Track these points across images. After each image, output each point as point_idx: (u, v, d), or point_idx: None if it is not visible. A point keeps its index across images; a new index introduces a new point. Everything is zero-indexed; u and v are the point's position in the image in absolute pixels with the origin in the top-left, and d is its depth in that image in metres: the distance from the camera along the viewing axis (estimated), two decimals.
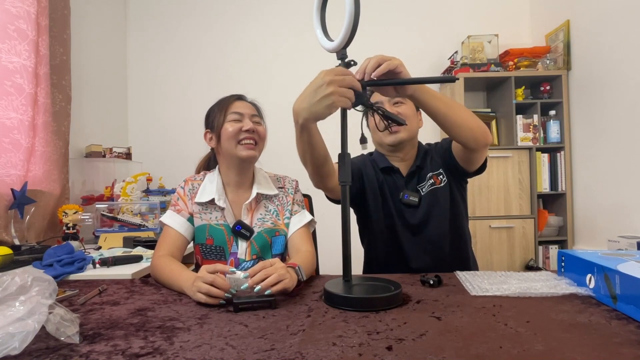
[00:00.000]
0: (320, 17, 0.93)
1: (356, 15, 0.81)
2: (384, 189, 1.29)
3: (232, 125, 1.13)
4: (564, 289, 0.85)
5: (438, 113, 0.99)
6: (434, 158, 1.30)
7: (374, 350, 0.58)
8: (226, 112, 1.15)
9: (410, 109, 1.27)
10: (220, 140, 1.15)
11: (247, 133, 1.13)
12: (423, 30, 2.88)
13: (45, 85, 1.84)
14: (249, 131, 1.13)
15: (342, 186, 0.88)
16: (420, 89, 0.95)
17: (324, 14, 0.93)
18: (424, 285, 0.94)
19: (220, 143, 1.15)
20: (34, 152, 1.80)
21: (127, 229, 1.85)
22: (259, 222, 1.18)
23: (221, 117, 1.15)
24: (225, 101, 1.19)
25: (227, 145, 1.14)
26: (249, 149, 1.13)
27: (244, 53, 2.91)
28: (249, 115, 1.16)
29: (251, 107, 1.20)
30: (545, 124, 2.53)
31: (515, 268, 2.45)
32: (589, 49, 2.29)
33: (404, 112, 1.23)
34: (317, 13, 0.93)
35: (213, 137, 1.18)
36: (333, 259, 1.76)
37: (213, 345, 0.62)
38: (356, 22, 0.82)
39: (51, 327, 0.62)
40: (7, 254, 1.32)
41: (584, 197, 2.38)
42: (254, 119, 1.17)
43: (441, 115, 0.99)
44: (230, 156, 1.15)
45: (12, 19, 1.67)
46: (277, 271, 0.85)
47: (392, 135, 1.24)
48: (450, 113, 0.99)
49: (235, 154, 1.13)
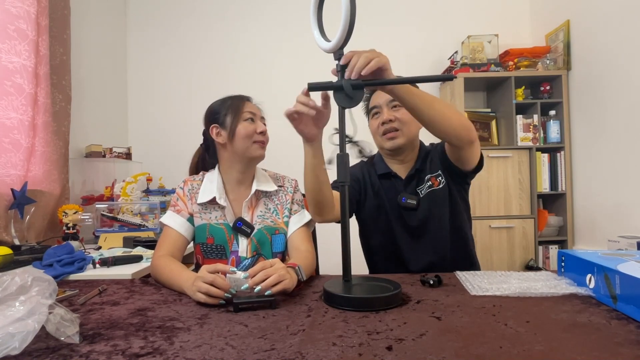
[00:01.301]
0: (317, 17, 0.93)
1: (352, 15, 0.81)
2: (381, 193, 1.29)
3: (247, 125, 1.17)
4: (564, 289, 0.85)
5: (415, 109, 0.98)
6: (433, 160, 1.29)
7: (374, 350, 0.58)
8: (241, 111, 1.18)
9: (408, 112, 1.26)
10: (233, 138, 1.16)
11: (260, 135, 1.18)
12: (423, 30, 2.88)
13: (45, 85, 1.84)
14: (262, 133, 1.18)
15: (341, 186, 0.87)
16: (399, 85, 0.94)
17: (320, 14, 0.93)
18: (424, 285, 0.94)
19: (233, 141, 1.16)
20: (34, 152, 1.80)
21: (127, 229, 1.85)
22: (259, 219, 1.19)
23: (235, 115, 1.17)
24: (238, 100, 1.21)
25: (241, 144, 1.16)
26: (262, 149, 1.19)
27: (244, 53, 2.91)
28: (259, 116, 1.21)
29: (258, 109, 1.24)
30: (545, 124, 2.53)
31: (515, 268, 2.45)
32: (589, 49, 2.29)
33: (401, 116, 1.22)
34: (314, 13, 0.93)
35: (222, 133, 1.18)
36: (333, 259, 1.76)
37: (213, 345, 0.62)
38: (352, 22, 0.82)
39: (51, 327, 0.62)
40: (7, 254, 1.32)
41: (584, 197, 2.38)
42: (262, 121, 1.23)
43: (419, 112, 0.98)
44: (241, 154, 1.17)
45: (12, 19, 1.67)
46: (277, 272, 0.85)
47: (390, 141, 1.24)
48: (429, 109, 0.98)
49: (248, 153, 1.17)
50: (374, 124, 1.28)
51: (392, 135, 1.23)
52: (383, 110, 1.25)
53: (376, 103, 1.27)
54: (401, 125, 1.22)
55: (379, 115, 1.26)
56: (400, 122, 1.22)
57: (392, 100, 1.24)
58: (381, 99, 1.25)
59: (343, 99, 0.87)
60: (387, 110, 1.24)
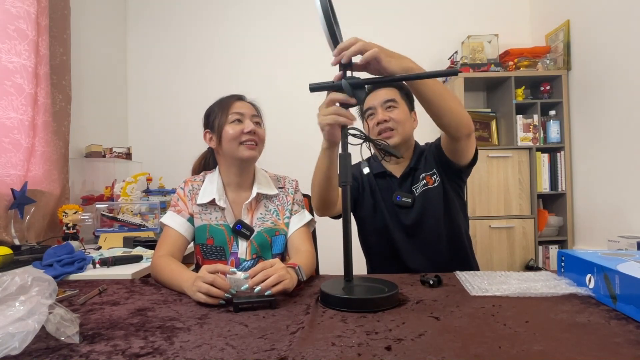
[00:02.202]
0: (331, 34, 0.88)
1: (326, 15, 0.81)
2: (377, 192, 1.31)
3: (234, 127, 1.14)
4: (563, 289, 0.85)
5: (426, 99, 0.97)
6: (428, 158, 1.30)
7: (373, 350, 0.58)
8: (227, 113, 1.15)
9: (403, 112, 1.28)
10: (221, 141, 1.15)
11: (248, 135, 1.14)
12: (423, 30, 2.88)
13: (45, 85, 1.84)
14: (250, 132, 1.14)
15: (342, 186, 0.88)
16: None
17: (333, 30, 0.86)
18: (423, 285, 0.95)
19: (222, 144, 1.15)
20: (34, 152, 1.80)
21: (127, 229, 1.85)
22: (259, 221, 1.19)
23: (222, 118, 1.15)
24: (226, 101, 1.19)
25: (229, 147, 1.14)
26: (250, 149, 1.14)
27: (244, 53, 2.91)
28: (249, 115, 1.17)
29: (251, 107, 1.20)
30: (545, 124, 2.53)
31: (515, 268, 2.45)
32: (589, 49, 2.29)
33: (396, 116, 1.25)
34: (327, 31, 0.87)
35: (213, 138, 1.18)
36: (333, 258, 1.76)
37: (213, 345, 0.62)
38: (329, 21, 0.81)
39: (51, 327, 0.62)
40: (7, 254, 1.32)
41: (584, 197, 2.38)
42: (254, 119, 1.18)
43: (429, 102, 0.97)
44: (231, 157, 1.16)
45: (12, 19, 1.67)
46: (277, 272, 0.85)
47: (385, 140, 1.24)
48: (439, 100, 0.98)
49: (236, 155, 1.14)
50: (368, 125, 1.30)
51: (387, 134, 1.25)
52: (378, 111, 1.27)
53: (371, 104, 1.29)
54: (396, 125, 1.25)
55: (374, 117, 1.28)
56: (394, 122, 1.25)
57: (386, 101, 1.27)
58: (375, 100, 1.28)
59: None
60: (381, 111, 1.26)
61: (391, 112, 1.26)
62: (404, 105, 1.30)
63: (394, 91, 1.30)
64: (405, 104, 1.30)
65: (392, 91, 1.30)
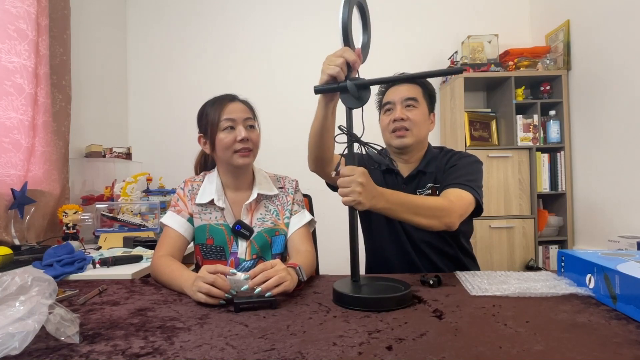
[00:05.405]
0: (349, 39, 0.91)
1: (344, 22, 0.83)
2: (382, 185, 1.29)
3: (227, 135, 1.11)
4: (563, 289, 0.85)
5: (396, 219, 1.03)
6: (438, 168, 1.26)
7: (374, 350, 0.58)
8: (219, 119, 1.12)
9: (422, 113, 1.24)
10: (215, 150, 1.15)
11: (241, 143, 1.11)
12: (423, 30, 2.88)
13: (45, 85, 1.84)
14: (243, 140, 1.11)
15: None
16: (386, 208, 0.96)
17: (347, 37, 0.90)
18: (424, 285, 0.95)
19: (216, 152, 1.15)
20: (34, 152, 1.80)
21: (127, 229, 1.85)
22: (258, 221, 1.18)
23: (214, 124, 1.12)
24: (217, 105, 1.15)
25: (223, 154, 1.13)
26: (244, 157, 1.12)
27: (244, 53, 2.90)
28: (241, 120, 1.13)
29: (244, 108, 1.16)
30: (545, 124, 2.53)
31: (515, 268, 2.45)
32: (589, 49, 2.29)
33: (414, 117, 1.21)
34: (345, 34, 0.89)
35: (207, 144, 1.17)
36: (333, 258, 1.77)
37: (213, 345, 0.62)
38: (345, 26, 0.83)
39: (51, 327, 0.62)
40: (7, 254, 1.32)
41: (584, 197, 2.38)
42: (247, 122, 1.14)
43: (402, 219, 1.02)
44: (226, 163, 1.15)
45: (12, 19, 1.67)
46: (277, 273, 0.85)
47: (398, 139, 1.23)
48: (412, 219, 1.01)
49: (231, 162, 1.13)
50: (385, 119, 1.27)
51: (401, 133, 1.22)
52: (397, 107, 1.23)
53: (390, 99, 1.25)
54: (412, 126, 1.22)
55: (392, 112, 1.24)
56: (411, 122, 1.21)
57: (407, 99, 1.23)
58: (396, 95, 1.24)
59: (350, 99, 0.87)
60: (400, 109, 1.23)
61: (410, 112, 1.22)
62: (425, 105, 1.25)
63: (417, 89, 1.25)
64: (426, 104, 1.26)
65: (415, 89, 1.25)
